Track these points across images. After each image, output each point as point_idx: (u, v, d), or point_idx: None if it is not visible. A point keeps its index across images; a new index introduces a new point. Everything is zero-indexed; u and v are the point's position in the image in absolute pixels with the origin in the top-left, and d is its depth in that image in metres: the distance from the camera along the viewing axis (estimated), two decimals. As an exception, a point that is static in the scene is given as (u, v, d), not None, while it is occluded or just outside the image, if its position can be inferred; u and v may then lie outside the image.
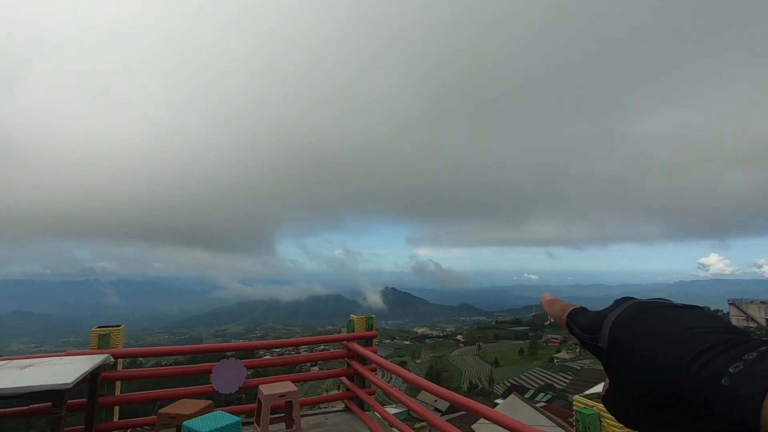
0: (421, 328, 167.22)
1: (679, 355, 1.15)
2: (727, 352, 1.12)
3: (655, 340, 1.17)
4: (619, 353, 1.18)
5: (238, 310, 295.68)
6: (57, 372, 2.91)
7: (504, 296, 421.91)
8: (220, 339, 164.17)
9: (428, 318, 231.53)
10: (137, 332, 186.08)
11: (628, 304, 1.19)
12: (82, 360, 3.27)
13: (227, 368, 4.01)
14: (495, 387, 56.18)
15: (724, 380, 1.12)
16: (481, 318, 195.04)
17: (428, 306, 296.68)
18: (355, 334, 4.68)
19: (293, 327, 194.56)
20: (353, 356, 4.62)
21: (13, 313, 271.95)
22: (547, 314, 1.23)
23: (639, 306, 1.19)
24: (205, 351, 4.14)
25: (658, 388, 1.15)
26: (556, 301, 1.22)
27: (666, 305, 1.19)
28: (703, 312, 1.17)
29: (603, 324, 1.20)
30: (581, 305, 1.22)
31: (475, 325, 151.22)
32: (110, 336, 3.75)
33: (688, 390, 1.13)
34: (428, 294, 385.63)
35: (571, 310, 1.22)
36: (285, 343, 4.70)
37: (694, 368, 1.13)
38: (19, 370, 2.95)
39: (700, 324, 1.15)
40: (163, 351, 3.95)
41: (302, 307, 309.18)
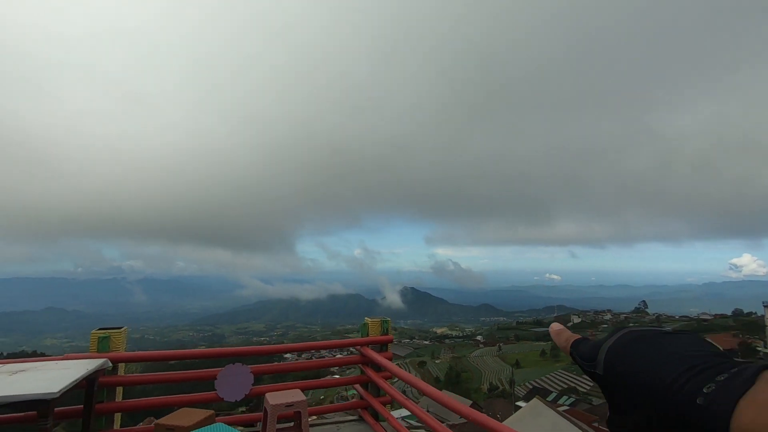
0: (440, 328, 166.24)
1: (663, 377, 1.27)
2: (703, 373, 1.25)
3: (643, 365, 1.28)
4: (613, 378, 1.29)
5: (259, 308, 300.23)
6: (47, 379, 2.71)
7: (524, 296, 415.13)
8: (242, 336, 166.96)
9: (447, 318, 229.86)
10: (162, 329, 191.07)
11: (621, 333, 1.30)
12: (77, 365, 3.08)
13: (233, 374, 3.76)
14: (516, 389, 55.22)
15: (699, 399, 1.25)
16: (502, 318, 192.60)
17: (447, 306, 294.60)
18: (370, 338, 4.36)
19: (313, 326, 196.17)
20: (367, 362, 4.31)
21: (46, 309, 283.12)
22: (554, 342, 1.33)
23: (631, 334, 1.30)
24: (209, 356, 3.89)
25: (647, 410, 1.27)
26: (563, 332, 1.32)
27: (656, 332, 1.30)
28: (690, 337, 1.28)
29: (599, 352, 1.30)
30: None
31: (495, 325, 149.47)
32: (110, 339, 3.55)
33: (670, 409, 1.26)
34: (447, 294, 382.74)
35: (574, 341, 1.31)
36: (295, 348, 4.42)
37: (675, 389, 1.26)
38: (8, 376, 2.77)
39: (685, 349, 1.27)
40: (165, 356, 3.73)
41: (322, 305, 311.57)
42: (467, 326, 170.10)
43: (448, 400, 2.83)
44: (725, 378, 1.24)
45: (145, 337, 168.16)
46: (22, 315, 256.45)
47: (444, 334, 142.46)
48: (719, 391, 1.24)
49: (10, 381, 2.67)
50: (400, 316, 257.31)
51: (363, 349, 4.32)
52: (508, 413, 40.17)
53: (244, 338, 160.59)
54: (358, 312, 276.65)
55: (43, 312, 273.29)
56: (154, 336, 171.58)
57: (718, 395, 1.24)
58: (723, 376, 1.24)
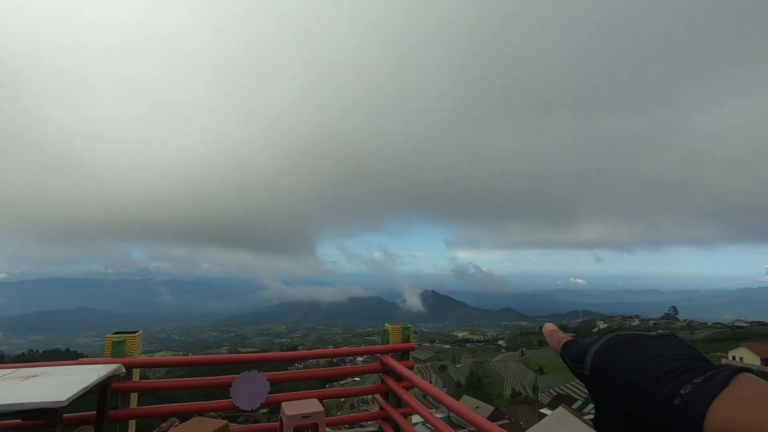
0: (461, 331, 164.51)
1: (645, 379, 1.33)
2: (681, 375, 1.33)
3: (626, 367, 1.35)
4: (599, 380, 1.35)
5: (280, 309, 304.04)
6: (56, 386, 2.62)
7: (547, 301, 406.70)
8: (264, 338, 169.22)
9: (468, 322, 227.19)
10: (187, 329, 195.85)
11: (608, 336, 1.36)
12: (89, 371, 2.99)
13: (248, 381, 3.63)
14: (540, 395, 54.05)
15: (676, 400, 1.33)
16: (524, 323, 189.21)
17: (468, 309, 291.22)
18: (390, 346, 4.15)
19: (334, 328, 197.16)
20: (387, 371, 4.11)
21: (79, 308, 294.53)
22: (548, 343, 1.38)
23: (617, 338, 1.36)
24: (224, 362, 3.77)
25: (630, 410, 1.33)
26: (556, 332, 1.36)
27: (640, 336, 1.36)
28: (672, 341, 1.35)
29: (587, 354, 1.36)
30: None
31: (518, 330, 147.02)
32: (125, 343, 3.47)
33: (651, 410, 1.33)
34: (468, 297, 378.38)
35: (564, 342, 1.36)
36: (313, 355, 4.25)
37: (654, 390, 1.33)
38: (19, 382, 2.70)
39: (667, 352, 1.34)
40: (179, 361, 3.64)
41: (342, 308, 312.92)
42: (488, 330, 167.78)
43: (471, 415, 2.60)
44: (701, 380, 1.32)
45: (171, 337, 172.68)
46: (57, 314, 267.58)
47: (465, 338, 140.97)
48: (695, 392, 1.32)
49: (21, 387, 2.60)
50: (420, 320, 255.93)
51: (383, 357, 4.12)
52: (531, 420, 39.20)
53: (266, 339, 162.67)
54: (378, 315, 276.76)
55: (76, 311, 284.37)
56: (180, 336, 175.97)
57: (693, 396, 1.32)
58: (700, 378, 1.32)
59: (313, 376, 4.04)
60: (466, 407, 2.75)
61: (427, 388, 3.46)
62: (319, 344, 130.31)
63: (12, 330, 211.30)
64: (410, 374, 3.83)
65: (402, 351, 4.17)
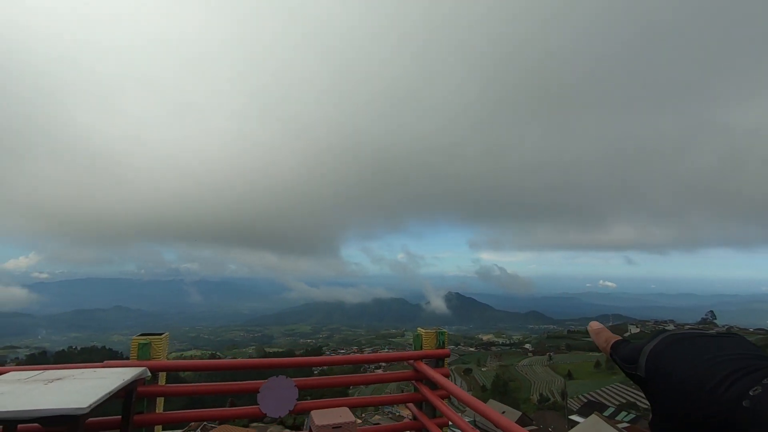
0: (486, 334, 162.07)
1: (706, 380, 1.27)
2: (748, 376, 1.26)
3: (685, 368, 1.29)
4: (655, 381, 1.31)
5: (305, 310, 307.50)
6: (79, 391, 2.51)
7: (576, 304, 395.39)
8: (289, 338, 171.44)
9: (494, 324, 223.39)
10: (216, 329, 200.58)
11: (663, 335, 1.31)
12: (115, 374, 2.88)
13: (276, 387, 3.46)
14: (569, 401, 52.54)
15: (745, 402, 1.26)
16: (551, 326, 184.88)
17: (493, 312, 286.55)
18: (424, 352, 3.89)
19: (358, 329, 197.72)
20: (421, 379, 3.86)
21: (114, 307, 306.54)
22: (594, 342, 1.34)
23: (673, 336, 1.30)
24: (252, 367, 3.61)
25: (691, 412, 1.27)
26: (603, 331, 1.32)
27: (699, 334, 1.30)
28: (734, 339, 1.28)
29: (640, 354, 1.32)
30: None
31: (545, 333, 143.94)
32: (151, 346, 3.36)
33: (715, 412, 1.26)
34: (493, 299, 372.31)
35: (614, 342, 1.32)
36: (344, 360, 4.04)
37: (719, 392, 1.26)
38: (43, 385, 2.60)
39: (730, 351, 1.27)
40: (206, 365, 3.51)
41: (366, 309, 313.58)
42: (514, 334, 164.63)
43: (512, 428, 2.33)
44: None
45: (200, 336, 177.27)
46: (94, 313, 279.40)
47: (490, 341, 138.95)
48: (765, 394, 1.25)
49: (43, 391, 2.50)
50: (444, 322, 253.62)
51: (417, 364, 3.87)
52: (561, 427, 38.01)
53: (292, 340, 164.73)
54: (402, 316, 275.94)
55: (112, 310, 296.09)
56: (209, 335, 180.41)
57: (764, 398, 1.25)
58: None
59: (343, 382, 3.83)
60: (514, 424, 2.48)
61: (467, 399, 3.20)
62: (343, 345, 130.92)
63: (53, 327, 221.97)
64: (447, 383, 3.57)
65: (437, 357, 3.90)
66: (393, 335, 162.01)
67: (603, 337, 1.30)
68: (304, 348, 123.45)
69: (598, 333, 1.29)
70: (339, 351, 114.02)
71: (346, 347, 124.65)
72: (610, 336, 1.30)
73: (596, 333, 1.29)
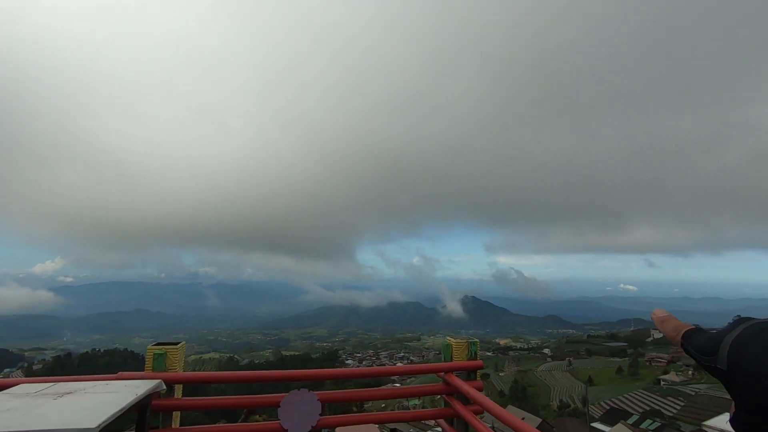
0: (503, 339, 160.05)
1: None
2: None
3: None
4: (740, 374, 1.19)
5: (321, 313, 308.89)
6: (90, 407, 2.33)
7: (595, 308, 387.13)
8: (306, 341, 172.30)
9: (511, 329, 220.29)
10: (233, 332, 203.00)
11: (746, 325, 1.21)
12: (128, 388, 2.70)
13: (298, 402, 3.23)
14: (590, 408, 51.19)
15: None
16: (570, 331, 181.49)
17: (510, 316, 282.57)
18: (455, 363, 3.61)
19: (374, 333, 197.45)
20: (453, 393, 3.58)
21: (135, 310, 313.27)
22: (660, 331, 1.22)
23: (758, 326, 1.20)
24: (272, 379, 3.39)
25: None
26: (670, 319, 1.21)
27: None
28: None
29: (720, 345, 1.21)
30: (695, 323, 1.20)
31: (564, 338, 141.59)
32: (167, 356, 3.18)
33: None
34: (510, 303, 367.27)
35: (686, 331, 1.21)
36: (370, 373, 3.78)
37: None
38: (52, 400, 2.43)
39: None
40: (224, 377, 3.31)
41: (382, 313, 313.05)
42: (532, 338, 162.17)
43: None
44: None
45: (218, 339, 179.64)
46: (116, 315, 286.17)
47: (507, 345, 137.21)
48: None
49: (52, 407, 2.33)
50: (460, 326, 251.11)
51: (448, 377, 3.59)
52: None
53: (308, 343, 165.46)
54: (417, 320, 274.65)
55: (133, 313, 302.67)
56: (227, 338, 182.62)
57: None
58: None
59: (370, 397, 3.58)
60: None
61: (504, 415, 2.92)
62: (359, 349, 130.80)
63: (78, 329, 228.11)
64: (480, 397, 3.29)
65: (469, 370, 3.62)
66: (409, 339, 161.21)
67: (671, 325, 1.20)
68: (320, 351, 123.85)
69: (665, 321, 1.20)
70: (355, 354, 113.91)
71: (362, 351, 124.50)
72: (679, 324, 1.21)
73: (662, 321, 1.20)
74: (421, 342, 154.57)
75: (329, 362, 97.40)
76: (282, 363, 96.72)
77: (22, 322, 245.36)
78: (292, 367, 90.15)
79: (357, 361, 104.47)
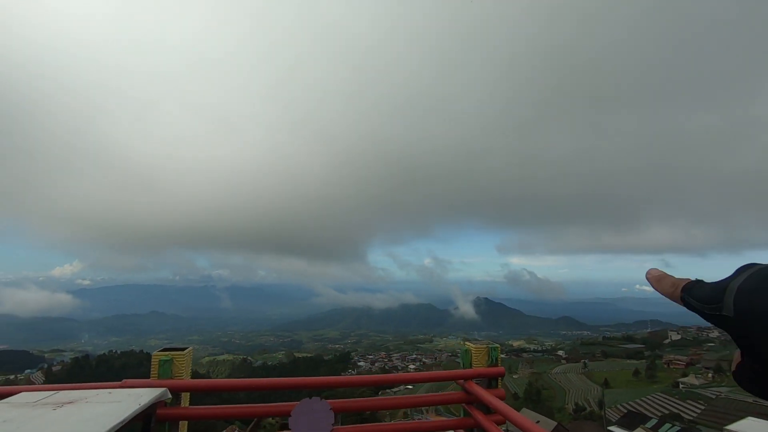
0: (517, 340, 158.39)
1: None
2: None
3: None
4: (749, 319, 1.13)
5: (333, 315, 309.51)
6: (92, 417, 2.19)
7: (610, 309, 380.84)
8: (318, 343, 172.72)
9: (524, 330, 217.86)
10: (246, 334, 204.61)
11: (752, 270, 1.15)
12: (132, 397, 2.57)
13: (310, 411, 3.07)
14: (607, 411, 50.28)
15: None
16: (585, 332, 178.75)
17: (524, 318, 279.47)
18: (475, 370, 3.39)
19: (386, 334, 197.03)
20: (473, 402, 3.37)
21: (151, 313, 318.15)
22: (660, 294, 1.17)
23: (766, 271, 1.15)
24: (282, 387, 3.22)
25: None
26: (665, 277, 1.17)
27: None
28: None
29: (725, 293, 1.16)
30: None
31: (578, 340, 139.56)
32: (173, 363, 3.04)
33: None
34: (523, 305, 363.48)
35: (686, 284, 1.18)
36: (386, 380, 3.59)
37: None
38: (51, 411, 2.30)
39: None
40: (232, 385, 3.16)
41: (393, 314, 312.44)
42: (546, 340, 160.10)
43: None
44: None
45: (232, 341, 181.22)
46: (132, 317, 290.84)
47: (521, 347, 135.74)
48: None
49: (50, 419, 2.20)
50: (473, 328, 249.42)
51: (467, 385, 3.38)
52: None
53: (320, 345, 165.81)
54: (429, 322, 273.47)
55: (149, 315, 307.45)
56: (240, 340, 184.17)
57: None
58: None
59: (385, 405, 3.38)
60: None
61: (526, 424, 2.70)
62: (371, 350, 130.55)
63: (95, 331, 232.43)
64: (503, 406, 3.07)
65: (490, 377, 3.41)
66: (421, 341, 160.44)
67: (668, 281, 1.16)
68: (332, 353, 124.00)
69: (660, 279, 1.16)
70: (367, 356, 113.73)
71: (374, 352, 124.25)
72: (676, 280, 1.17)
73: (657, 279, 1.16)
74: (433, 344, 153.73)
75: (342, 364, 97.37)
76: (294, 364, 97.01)
77: (42, 324, 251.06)
78: (305, 368, 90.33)
79: (369, 362, 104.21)
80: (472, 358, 3.49)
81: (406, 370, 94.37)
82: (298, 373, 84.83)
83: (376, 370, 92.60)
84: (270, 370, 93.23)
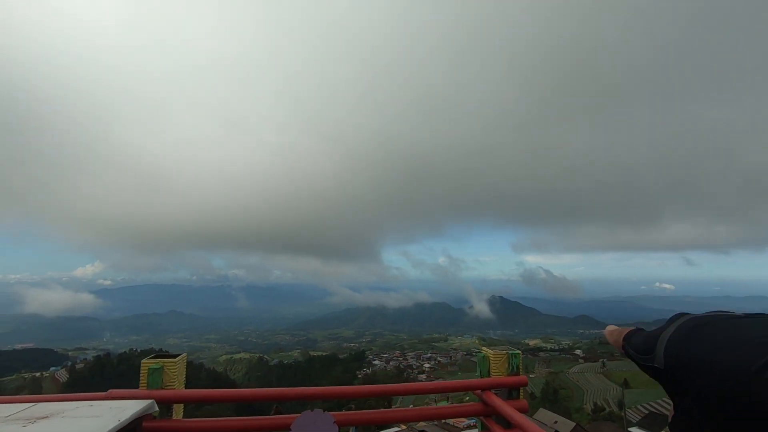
0: (533, 340, 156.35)
1: (746, 364, 1.13)
2: None
3: (718, 352, 1.13)
4: (678, 371, 1.13)
5: (347, 315, 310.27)
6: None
7: (630, 308, 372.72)
8: (332, 342, 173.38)
9: (540, 329, 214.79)
10: (262, 333, 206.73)
11: (681, 321, 1.16)
12: (113, 411, 2.33)
13: (311, 424, 2.79)
14: (627, 412, 49.15)
15: None
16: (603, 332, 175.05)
17: (540, 316, 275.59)
18: (494, 379, 3.05)
19: (400, 333, 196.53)
20: (491, 414, 3.05)
21: (169, 312, 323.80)
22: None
23: (695, 320, 1.16)
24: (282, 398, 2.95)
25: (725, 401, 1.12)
26: (616, 330, 1.19)
27: (725, 316, 1.17)
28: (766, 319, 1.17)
29: (657, 344, 1.15)
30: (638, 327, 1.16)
31: (596, 339, 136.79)
32: (163, 371, 2.80)
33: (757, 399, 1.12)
34: (539, 303, 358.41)
35: (627, 332, 1.18)
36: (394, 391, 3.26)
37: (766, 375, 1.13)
38: (21, 427, 2.07)
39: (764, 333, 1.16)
40: (224, 396, 2.90)
41: (408, 313, 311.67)
42: (563, 339, 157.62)
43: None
44: None
45: (248, 340, 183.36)
46: (151, 317, 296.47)
47: (537, 346, 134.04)
48: None
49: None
50: (488, 327, 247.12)
51: (485, 396, 3.06)
52: (622, 441, 35.32)
53: (335, 344, 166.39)
54: (444, 321, 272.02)
55: (167, 314, 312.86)
56: (256, 339, 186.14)
57: None
58: None
59: (395, 418, 3.10)
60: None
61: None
62: (386, 349, 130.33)
63: (116, 331, 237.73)
64: (525, 421, 2.75)
65: (510, 387, 3.08)
66: (436, 340, 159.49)
67: (617, 332, 1.17)
68: (347, 352, 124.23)
69: (611, 332, 1.17)
70: (382, 355, 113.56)
71: (389, 351, 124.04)
72: (622, 329, 1.18)
73: (609, 333, 1.17)
74: (448, 343, 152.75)
75: (357, 362, 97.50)
76: (310, 363, 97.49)
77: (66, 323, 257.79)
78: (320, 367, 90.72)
79: (384, 361, 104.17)
80: (491, 366, 3.16)
81: (421, 368, 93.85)
82: (313, 371, 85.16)
83: (391, 368, 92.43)
84: (286, 369, 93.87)
